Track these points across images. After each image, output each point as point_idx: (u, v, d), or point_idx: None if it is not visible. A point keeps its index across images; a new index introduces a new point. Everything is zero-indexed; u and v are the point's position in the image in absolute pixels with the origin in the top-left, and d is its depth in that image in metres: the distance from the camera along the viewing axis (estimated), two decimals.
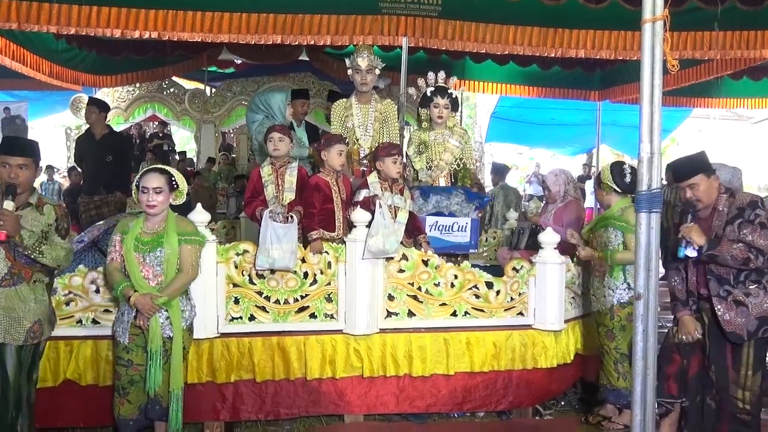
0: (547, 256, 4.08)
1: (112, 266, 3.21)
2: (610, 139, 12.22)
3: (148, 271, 3.14)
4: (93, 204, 6.15)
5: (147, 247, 3.14)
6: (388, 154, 4.09)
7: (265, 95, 4.92)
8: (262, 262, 3.66)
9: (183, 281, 3.23)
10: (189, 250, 3.22)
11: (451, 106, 4.69)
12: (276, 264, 3.67)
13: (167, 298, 3.16)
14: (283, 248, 3.65)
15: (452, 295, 4.01)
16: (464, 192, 4.47)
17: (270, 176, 3.97)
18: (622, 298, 3.91)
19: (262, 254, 3.65)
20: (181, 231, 3.21)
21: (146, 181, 3.14)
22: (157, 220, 3.18)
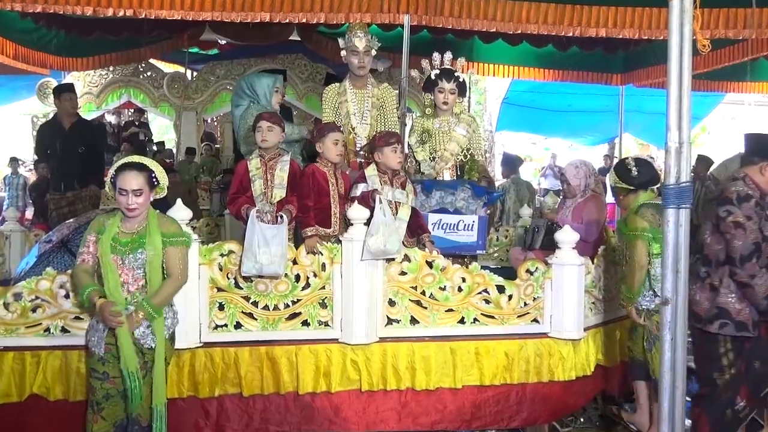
0: (564, 256, 4.07)
1: (81, 268, 3.20)
2: (634, 127, 12.21)
3: (127, 274, 3.13)
4: (65, 201, 6.13)
5: (126, 248, 3.13)
6: (386, 143, 4.09)
7: (251, 78, 4.85)
8: (249, 268, 3.66)
9: (174, 288, 3.23)
10: (176, 253, 3.22)
11: (458, 91, 4.68)
12: (264, 270, 3.67)
13: (156, 308, 3.16)
14: (271, 252, 3.63)
15: (460, 301, 4.01)
16: (471, 187, 4.46)
17: (258, 170, 3.95)
18: (648, 305, 3.87)
19: (248, 259, 3.65)
20: (165, 232, 3.20)
21: (124, 182, 3.11)
22: (138, 219, 3.17)
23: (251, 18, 4.84)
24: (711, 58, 7.30)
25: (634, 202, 3.93)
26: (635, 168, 3.89)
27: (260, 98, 4.60)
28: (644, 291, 3.87)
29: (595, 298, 4.40)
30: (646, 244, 3.73)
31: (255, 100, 4.61)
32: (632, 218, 3.81)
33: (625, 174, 3.92)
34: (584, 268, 4.15)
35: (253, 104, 4.65)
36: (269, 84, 4.67)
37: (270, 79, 4.74)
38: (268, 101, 4.59)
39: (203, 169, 10.74)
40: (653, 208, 3.78)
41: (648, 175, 3.89)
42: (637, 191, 3.92)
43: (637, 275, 3.77)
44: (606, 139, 14.39)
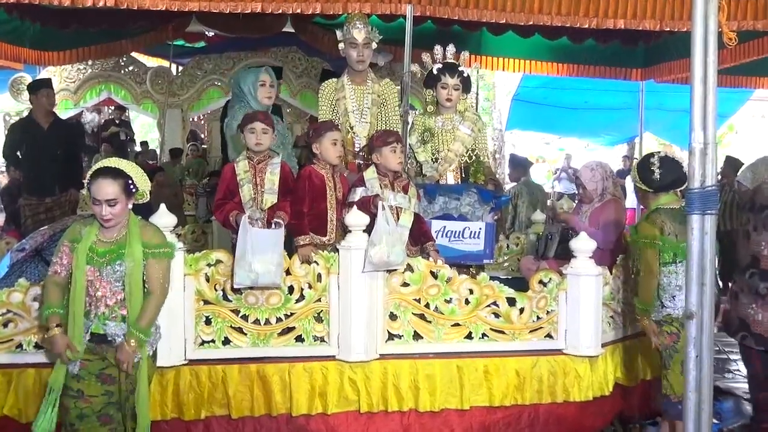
0: (580, 266, 4.07)
1: (52, 280, 3.18)
2: (656, 126, 12.21)
3: (105, 287, 3.12)
4: (43, 207, 6.12)
5: (104, 259, 3.12)
6: (384, 143, 4.09)
7: (237, 75, 4.83)
8: (243, 279, 3.65)
9: (158, 305, 3.22)
10: (158, 267, 3.20)
11: (462, 87, 4.70)
12: (260, 280, 3.65)
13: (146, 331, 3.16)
14: (267, 260, 3.62)
15: (467, 314, 4.01)
16: (477, 191, 4.47)
17: (247, 174, 3.94)
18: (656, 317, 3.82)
19: (241, 269, 3.63)
20: (147, 242, 3.18)
21: (97, 191, 3.08)
22: (116, 227, 3.17)
23: (241, 8, 4.84)
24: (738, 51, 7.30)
25: (652, 205, 3.88)
26: (658, 169, 3.81)
27: (246, 96, 4.53)
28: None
29: (614, 312, 4.39)
30: (656, 252, 3.69)
31: (243, 100, 4.57)
32: (642, 225, 3.79)
33: (646, 173, 3.85)
34: (602, 279, 4.15)
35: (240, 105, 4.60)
36: (252, 79, 4.54)
37: (253, 73, 4.61)
38: (254, 98, 4.49)
39: (189, 171, 10.75)
40: (666, 213, 3.74)
41: (671, 177, 3.81)
42: (656, 193, 3.85)
43: (648, 285, 3.74)
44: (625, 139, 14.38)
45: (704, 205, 2.48)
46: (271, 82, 4.53)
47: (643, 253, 3.74)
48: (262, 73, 4.54)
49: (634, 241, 3.88)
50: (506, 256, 6.02)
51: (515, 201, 7.82)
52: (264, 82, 4.51)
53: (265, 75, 4.53)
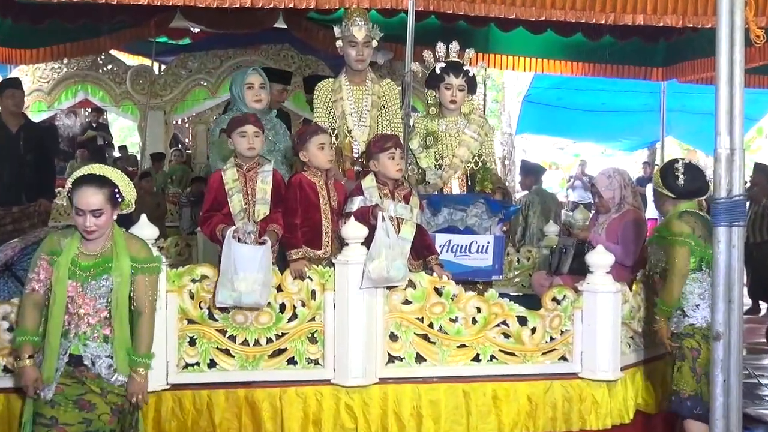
0: (597, 282, 4.07)
1: (30, 299, 3.13)
2: (678, 129, 12.25)
3: (88, 304, 3.08)
4: (10, 217, 6.12)
5: (87, 273, 3.09)
6: (381, 149, 4.10)
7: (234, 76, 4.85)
8: (224, 298, 3.65)
9: (151, 326, 3.21)
10: (147, 284, 3.18)
11: (468, 87, 4.71)
12: (242, 300, 3.65)
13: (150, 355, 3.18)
14: (251, 278, 3.61)
15: (474, 335, 4.00)
16: (485, 201, 4.48)
17: (235, 183, 3.93)
18: (677, 328, 3.88)
19: (223, 287, 3.62)
20: (136, 256, 3.16)
21: (81, 201, 3.06)
22: (101, 239, 3.15)
23: (230, 3, 4.86)
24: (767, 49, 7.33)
25: (673, 212, 4.00)
26: (682, 174, 3.94)
27: (236, 100, 4.56)
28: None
29: (634, 332, 4.39)
30: (687, 251, 3.80)
31: (235, 104, 4.60)
32: (676, 222, 3.88)
33: (670, 178, 3.97)
34: (621, 296, 4.14)
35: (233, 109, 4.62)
36: (239, 81, 4.56)
37: (241, 75, 4.62)
38: (243, 102, 4.49)
39: (172, 178, 10.77)
40: (696, 217, 3.87)
41: (695, 185, 3.95)
42: (678, 200, 3.98)
43: (676, 285, 3.82)
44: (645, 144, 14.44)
45: (731, 216, 2.49)
46: (260, 83, 4.53)
47: (673, 251, 3.83)
48: (249, 74, 4.55)
49: (662, 239, 3.95)
50: (516, 271, 6.01)
51: (526, 211, 7.83)
52: (251, 85, 4.51)
53: (252, 77, 4.53)
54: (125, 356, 3.13)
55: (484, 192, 4.62)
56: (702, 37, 7.71)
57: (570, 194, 15.33)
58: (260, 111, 4.50)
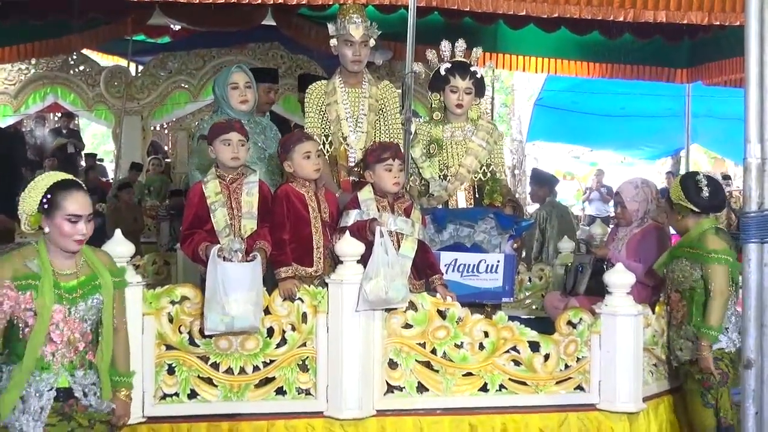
0: (617, 304, 4.07)
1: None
2: (705, 136, 12.28)
3: (75, 330, 3.03)
4: None
5: (75, 294, 3.03)
6: (378, 159, 4.10)
7: (218, 75, 4.82)
8: (215, 324, 3.64)
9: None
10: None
11: (475, 90, 4.72)
12: (236, 324, 3.64)
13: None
14: (244, 299, 3.61)
15: (481, 362, 3.99)
16: (494, 215, 4.48)
17: (218, 196, 3.92)
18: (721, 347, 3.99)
19: (213, 312, 3.62)
20: (112, 270, 3.16)
21: (75, 205, 3.00)
22: (74, 255, 3.12)
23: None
24: None
25: (695, 228, 4.09)
26: (706, 187, 4.05)
27: (220, 101, 4.54)
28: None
29: (657, 359, 4.38)
30: (727, 269, 3.94)
31: (219, 106, 4.57)
32: (712, 238, 3.98)
33: (694, 191, 4.06)
34: (642, 319, 4.14)
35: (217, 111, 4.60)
36: (223, 79, 4.55)
37: (225, 73, 4.61)
38: (227, 103, 4.49)
39: (149, 189, 10.76)
40: (725, 233, 4.01)
41: (718, 198, 4.11)
42: (700, 215, 4.09)
43: (719, 307, 3.94)
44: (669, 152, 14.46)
45: (763, 231, 2.49)
46: (246, 82, 4.53)
47: (712, 270, 3.95)
48: (233, 73, 4.53)
49: (696, 255, 4.01)
50: (528, 292, 6.00)
51: (543, 225, 7.81)
52: (236, 84, 4.50)
53: (236, 75, 4.52)
54: (108, 380, 3.13)
55: (493, 205, 4.62)
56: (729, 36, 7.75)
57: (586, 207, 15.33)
58: (246, 113, 4.51)
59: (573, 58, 8.96)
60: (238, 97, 4.50)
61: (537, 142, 15.52)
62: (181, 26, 10.54)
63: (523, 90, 18.38)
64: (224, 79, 4.53)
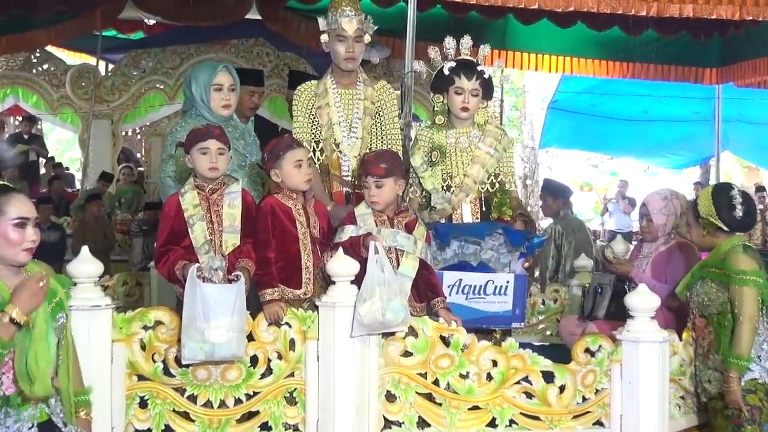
0: (640, 329, 4.06)
1: None
2: (737, 143, 12.31)
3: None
4: None
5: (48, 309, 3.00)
6: (366, 173, 4.13)
7: (193, 72, 4.68)
8: (194, 353, 3.62)
9: (78, 359, 3.21)
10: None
11: (482, 92, 4.73)
12: (217, 353, 3.63)
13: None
14: (226, 325, 3.60)
15: (489, 394, 3.99)
16: (503, 231, 4.48)
17: (197, 209, 3.91)
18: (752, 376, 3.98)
19: (191, 339, 3.60)
20: (60, 280, 3.14)
21: (22, 208, 2.96)
22: (21, 269, 3.11)
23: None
24: None
25: (722, 246, 4.11)
26: (741, 205, 4.07)
27: (197, 102, 4.47)
28: None
29: (685, 391, 4.37)
30: (756, 292, 3.93)
31: (194, 107, 4.54)
32: (739, 257, 3.99)
33: (726, 208, 4.08)
34: (668, 347, 4.14)
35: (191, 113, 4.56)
36: (204, 79, 4.47)
37: (206, 71, 4.53)
38: (206, 106, 4.45)
39: (120, 202, 10.76)
40: (754, 251, 4.03)
41: (751, 217, 4.15)
42: (731, 234, 4.11)
43: (748, 333, 3.93)
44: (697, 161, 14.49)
45: None
46: (231, 85, 4.50)
47: (740, 293, 3.95)
48: (219, 72, 4.49)
49: (722, 276, 4.02)
50: (541, 316, 6.00)
51: (558, 242, 7.80)
52: (220, 86, 4.47)
53: (222, 76, 4.49)
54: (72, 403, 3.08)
55: (502, 220, 4.62)
56: (764, 32, 7.80)
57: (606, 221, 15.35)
58: (226, 119, 4.51)
59: (590, 56, 9.00)
60: (220, 100, 4.46)
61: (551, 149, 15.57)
62: (156, 21, 10.58)
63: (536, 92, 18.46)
64: (206, 79, 4.46)
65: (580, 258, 6.20)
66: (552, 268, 7.74)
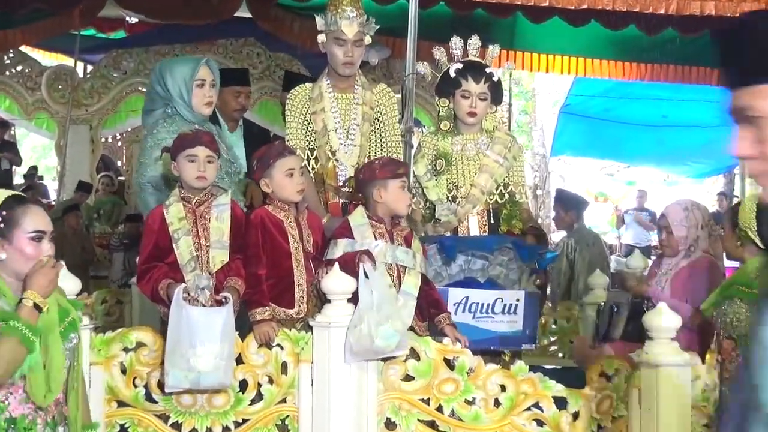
0: (660, 352, 4.05)
1: None
2: None
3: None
4: None
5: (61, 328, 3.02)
6: (393, 173, 4.13)
7: (164, 65, 4.60)
8: (178, 380, 3.63)
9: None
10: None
11: (491, 96, 4.75)
12: (203, 381, 3.64)
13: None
14: (213, 352, 3.61)
15: (497, 421, 3.99)
16: (513, 245, 4.48)
17: (182, 222, 3.92)
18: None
19: (175, 366, 3.61)
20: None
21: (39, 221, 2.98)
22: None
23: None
24: None
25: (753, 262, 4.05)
26: None
27: (174, 99, 4.39)
28: None
29: (709, 419, 4.36)
30: None
31: (169, 104, 4.43)
32: None
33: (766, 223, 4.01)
34: (690, 371, 4.14)
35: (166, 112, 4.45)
36: (186, 73, 4.38)
37: (186, 65, 4.46)
38: (186, 103, 4.38)
39: (99, 213, 10.75)
40: None
41: None
42: (763, 252, 4.04)
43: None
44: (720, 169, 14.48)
45: None
46: (212, 80, 4.45)
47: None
48: (201, 66, 4.42)
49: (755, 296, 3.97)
50: (553, 337, 6.00)
51: (572, 257, 7.80)
52: (203, 81, 4.41)
53: (204, 70, 4.42)
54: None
55: (511, 233, 4.63)
56: None
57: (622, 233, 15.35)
58: (204, 119, 4.46)
59: (605, 57, 9.01)
60: (203, 97, 4.40)
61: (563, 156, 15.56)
62: (139, 19, 10.60)
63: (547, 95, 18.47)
64: (187, 74, 4.38)
65: (594, 274, 6.20)
66: (564, 285, 7.74)
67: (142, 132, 4.68)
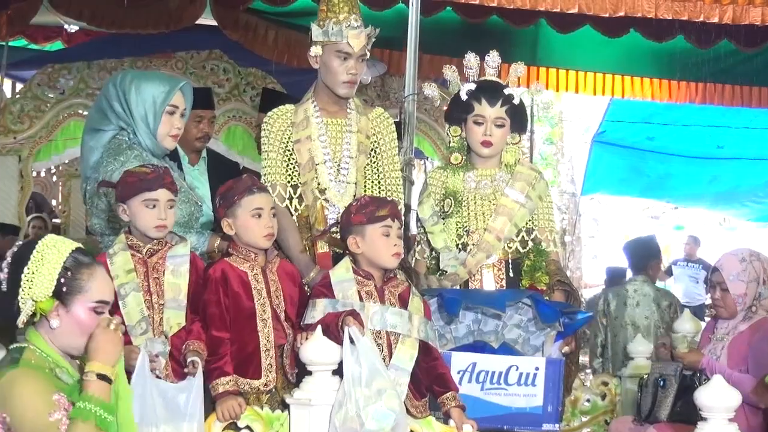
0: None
1: None
2: None
3: None
4: None
5: None
6: (371, 218, 4.09)
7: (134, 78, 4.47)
8: None
9: None
10: None
11: (511, 122, 4.75)
12: None
13: None
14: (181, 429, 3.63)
15: None
16: (533, 301, 4.47)
17: (131, 275, 3.92)
18: None
19: None
20: None
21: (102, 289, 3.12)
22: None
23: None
24: None
25: None
26: None
27: (136, 122, 4.36)
28: None
29: None
30: None
31: (125, 127, 4.41)
32: None
33: None
34: None
35: (123, 135, 4.41)
36: (158, 95, 4.35)
37: (160, 84, 4.42)
38: (149, 132, 4.37)
39: None
40: None
41: None
42: None
43: None
44: None
45: None
46: (184, 109, 4.46)
47: None
48: (175, 91, 4.40)
49: None
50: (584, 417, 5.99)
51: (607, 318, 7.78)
52: (174, 109, 4.40)
53: (178, 97, 4.41)
54: None
55: (534, 288, 4.61)
56: None
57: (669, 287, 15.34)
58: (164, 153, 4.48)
59: (647, 74, 9.06)
60: (171, 127, 4.40)
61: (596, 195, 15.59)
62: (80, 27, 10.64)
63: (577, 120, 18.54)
64: (160, 96, 4.36)
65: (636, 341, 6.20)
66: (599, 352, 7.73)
67: (81, 162, 4.59)
